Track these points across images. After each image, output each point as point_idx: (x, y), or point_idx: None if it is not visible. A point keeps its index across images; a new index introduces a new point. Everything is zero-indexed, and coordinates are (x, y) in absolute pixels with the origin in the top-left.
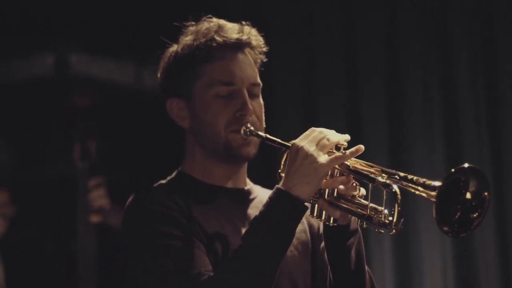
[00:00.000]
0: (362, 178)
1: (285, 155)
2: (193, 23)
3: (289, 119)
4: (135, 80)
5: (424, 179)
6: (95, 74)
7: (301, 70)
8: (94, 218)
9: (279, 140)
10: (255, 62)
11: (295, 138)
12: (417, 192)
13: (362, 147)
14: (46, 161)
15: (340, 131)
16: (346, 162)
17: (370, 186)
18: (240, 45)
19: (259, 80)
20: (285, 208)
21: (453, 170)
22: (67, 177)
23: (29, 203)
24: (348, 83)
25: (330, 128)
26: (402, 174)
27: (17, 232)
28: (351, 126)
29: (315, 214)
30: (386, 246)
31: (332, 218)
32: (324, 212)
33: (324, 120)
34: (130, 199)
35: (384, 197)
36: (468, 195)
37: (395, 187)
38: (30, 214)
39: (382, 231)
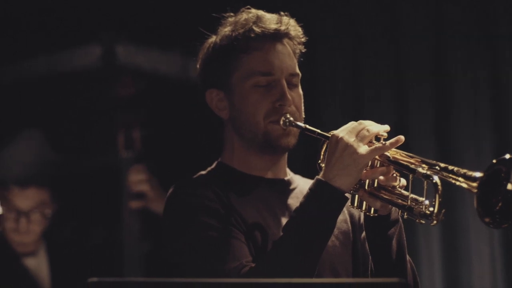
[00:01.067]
0: (402, 169)
1: (325, 145)
2: (231, 14)
3: (333, 111)
4: (181, 70)
5: (465, 170)
6: (141, 64)
7: (345, 61)
8: (134, 204)
9: (319, 131)
10: (294, 52)
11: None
12: (457, 183)
13: (402, 137)
14: (91, 151)
15: (385, 123)
16: (386, 153)
17: (410, 176)
18: (278, 36)
19: (298, 70)
20: (325, 199)
21: (494, 161)
22: (112, 167)
23: (74, 194)
24: (393, 74)
25: (375, 121)
26: (442, 165)
27: (62, 223)
28: (397, 117)
29: (355, 205)
30: (434, 235)
31: (372, 209)
32: (364, 202)
33: (369, 111)
34: (170, 190)
35: (425, 187)
36: (510, 186)
37: (436, 178)
38: (75, 205)
39: (423, 221)
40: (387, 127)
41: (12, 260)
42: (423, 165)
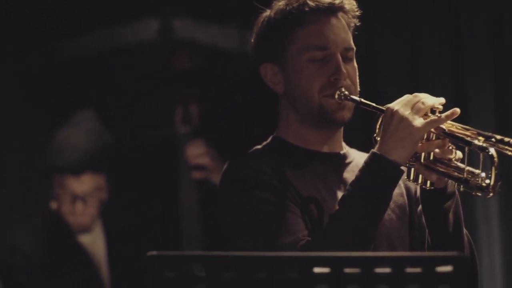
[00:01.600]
0: (458, 142)
1: (380, 119)
2: None
3: (389, 84)
4: (238, 44)
5: None
6: (198, 38)
7: (402, 34)
8: (195, 174)
9: (374, 104)
10: (349, 26)
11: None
12: None
13: (457, 110)
14: (148, 126)
15: (441, 96)
16: (441, 126)
17: (466, 149)
18: (333, 9)
19: (353, 44)
20: (381, 173)
21: None
22: (169, 142)
23: (133, 168)
24: (451, 47)
25: (432, 94)
26: (498, 137)
27: (121, 197)
28: (453, 90)
29: (411, 178)
30: (492, 209)
31: (428, 182)
32: (420, 175)
33: (425, 85)
34: (225, 165)
35: (481, 160)
36: None
37: (492, 150)
38: (133, 179)
39: (480, 194)
40: (442, 100)
41: (67, 237)
42: (479, 138)
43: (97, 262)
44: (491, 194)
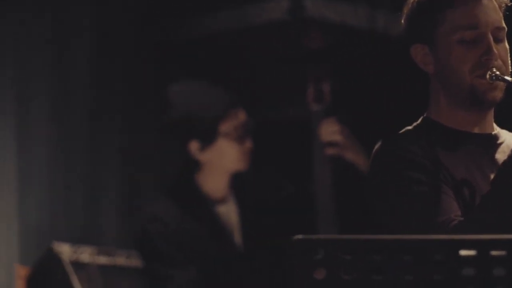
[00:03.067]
0: None
1: None
2: None
3: None
4: (368, 22)
5: None
6: (329, 16)
7: None
8: (330, 151)
9: None
10: (499, 6)
11: None
12: None
13: None
14: (280, 105)
15: None
16: None
17: None
18: None
19: (503, 24)
20: None
21: None
22: (302, 120)
23: (265, 147)
24: None
25: None
26: None
27: (253, 175)
28: None
29: None
30: None
31: None
32: None
33: None
34: (377, 146)
35: None
36: None
37: None
38: (266, 158)
39: None
40: None
41: (203, 206)
42: None
43: (231, 232)
44: None
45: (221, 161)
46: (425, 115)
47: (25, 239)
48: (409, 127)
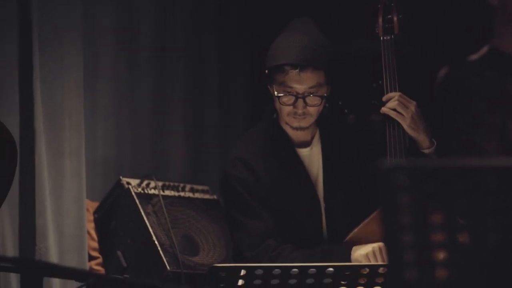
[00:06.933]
0: None
1: None
2: None
3: None
4: None
5: None
6: None
7: None
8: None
9: None
10: None
11: None
12: None
13: None
14: (350, 37)
15: None
16: None
17: None
18: None
19: None
20: None
21: None
22: (372, 51)
23: (336, 79)
24: None
25: None
26: None
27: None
28: None
29: None
30: None
31: None
32: None
33: None
34: (443, 70)
35: None
36: None
37: None
38: (337, 89)
39: None
40: None
41: (289, 148)
42: None
43: (314, 176)
44: None
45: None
46: (489, 45)
47: (92, 174)
48: (474, 56)
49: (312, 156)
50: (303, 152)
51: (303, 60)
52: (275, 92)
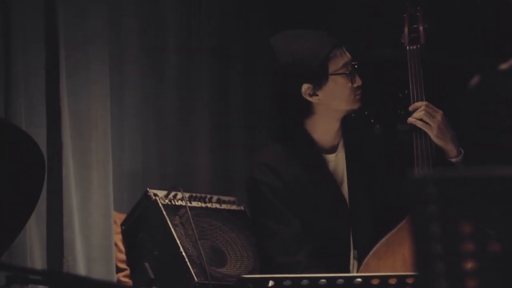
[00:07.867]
0: None
1: None
2: None
3: None
4: None
5: None
6: None
7: None
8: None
9: None
10: None
11: None
12: None
13: None
14: (375, 46)
15: None
16: None
17: None
18: None
19: None
20: None
21: None
22: (397, 61)
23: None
24: None
25: None
26: None
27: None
28: None
29: None
30: None
31: None
32: None
33: None
34: (475, 79)
35: None
36: None
37: None
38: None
39: None
40: None
41: (315, 153)
42: None
43: (340, 181)
44: None
45: (334, 101)
46: None
47: (119, 186)
48: (504, 65)
49: (338, 162)
50: (330, 158)
51: (333, 38)
52: (335, 82)
